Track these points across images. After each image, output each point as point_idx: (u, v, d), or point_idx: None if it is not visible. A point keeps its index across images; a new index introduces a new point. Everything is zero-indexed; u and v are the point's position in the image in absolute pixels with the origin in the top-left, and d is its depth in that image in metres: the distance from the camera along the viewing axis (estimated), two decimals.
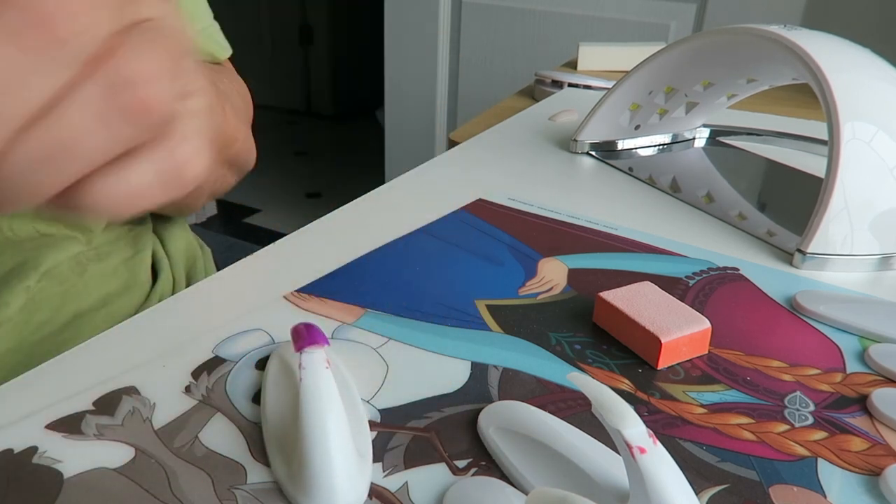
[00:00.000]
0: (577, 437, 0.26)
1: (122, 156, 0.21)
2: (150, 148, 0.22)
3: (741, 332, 0.35)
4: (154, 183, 0.22)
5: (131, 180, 0.21)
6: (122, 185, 0.21)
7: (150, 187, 0.22)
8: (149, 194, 0.22)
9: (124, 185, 0.21)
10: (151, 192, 0.22)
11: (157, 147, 0.22)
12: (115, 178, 0.21)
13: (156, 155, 0.22)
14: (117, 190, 0.21)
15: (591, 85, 0.90)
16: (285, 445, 0.26)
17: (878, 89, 0.44)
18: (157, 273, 0.52)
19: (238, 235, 2.25)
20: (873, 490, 0.25)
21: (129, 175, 0.21)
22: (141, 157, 0.22)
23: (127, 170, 0.21)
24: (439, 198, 0.49)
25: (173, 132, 0.22)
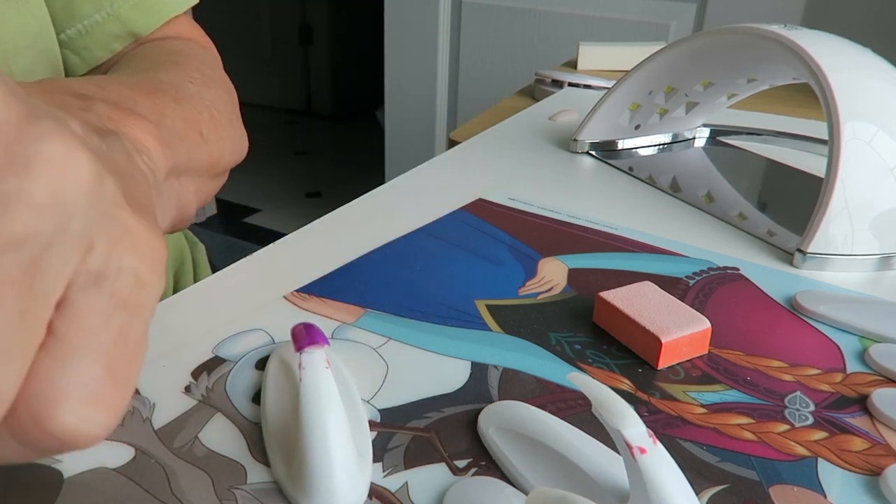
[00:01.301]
0: (577, 437, 0.26)
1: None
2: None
3: (741, 332, 0.35)
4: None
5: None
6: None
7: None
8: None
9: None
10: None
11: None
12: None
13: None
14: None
15: (591, 85, 0.90)
16: (285, 445, 0.26)
17: (878, 89, 0.44)
18: None
19: (238, 235, 2.25)
20: (873, 490, 0.25)
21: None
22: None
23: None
24: (439, 198, 0.49)
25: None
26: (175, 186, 0.33)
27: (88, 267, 0.15)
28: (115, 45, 0.44)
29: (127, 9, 0.43)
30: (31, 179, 0.14)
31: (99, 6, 0.42)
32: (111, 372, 0.16)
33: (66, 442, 0.15)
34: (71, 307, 0.15)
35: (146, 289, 0.17)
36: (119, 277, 0.16)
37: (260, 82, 3.39)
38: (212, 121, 0.37)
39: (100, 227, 0.16)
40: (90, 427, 0.15)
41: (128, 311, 0.16)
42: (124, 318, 0.16)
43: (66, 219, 0.15)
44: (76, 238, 0.15)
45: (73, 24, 0.42)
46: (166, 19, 0.45)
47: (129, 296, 0.16)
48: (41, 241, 0.14)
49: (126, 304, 0.16)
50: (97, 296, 0.16)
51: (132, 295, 0.16)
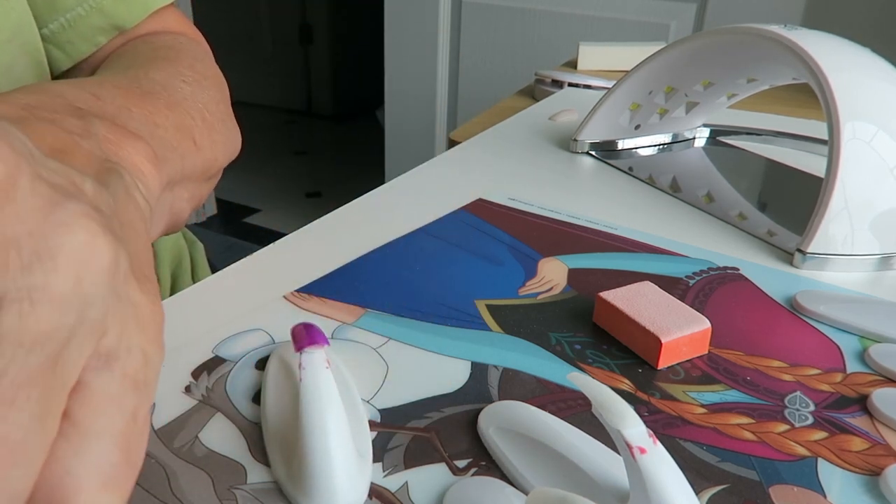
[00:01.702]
0: (577, 437, 0.26)
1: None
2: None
3: (741, 332, 0.35)
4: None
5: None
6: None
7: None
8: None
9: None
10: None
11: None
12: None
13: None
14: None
15: (591, 85, 0.90)
16: (285, 445, 0.26)
17: (878, 89, 0.44)
18: None
19: (238, 235, 2.25)
20: (873, 490, 0.25)
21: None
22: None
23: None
24: (439, 198, 0.49)
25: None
26: (168, 197, 0.33)
27: (100, 350, 0.15)
28: (100, 39, 0.43)
29: (111, 1, 0.42)
30: (56, 273, 0.14)
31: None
32: (126, 454, 0.16)
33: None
34: (86, 391, 0.15)
35: (152, 366, 0.17)
36: (129, 357, 0.16)
37: (260, 82, 3.39)
38: (204, 124, 0.36)
39: (113, 310, 0.16)
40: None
41: (138, 391, 0.16)
42: (136, 398, 0.16)
43: (86, 308, 0.14)
44: (94, 325, 0.15)
45: (55, 17, 0.41)
46: (151, 11, 0.44)
47: (138, 375, 0.16)
48: (63, 336, 0.14)
49: (136, 384, 0.16)
50: (110, 378, 0.15)
51: (140, 374, 0.16)
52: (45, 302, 0.13)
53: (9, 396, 0.13)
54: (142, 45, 0.43)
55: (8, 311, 0.13)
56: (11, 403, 0.13)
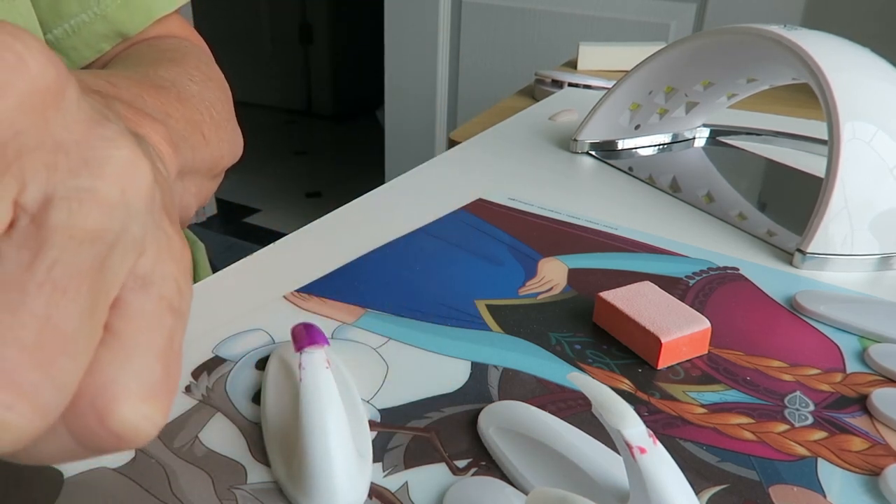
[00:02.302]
0: (577, 437, 0.26)
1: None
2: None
3: (741, 332, 0.35)
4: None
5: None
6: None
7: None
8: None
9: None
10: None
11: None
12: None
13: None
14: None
15: (591, 85, 0.90)
16: (285, 445, 0.26)
17: (878, 89, 0.44)
18: None
19: (238, 235, 2.25)
20: (873, 490, 0.25)
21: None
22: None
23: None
24: (439, 198, 0.49)
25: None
26: (178, 188, 0.33)
27: (138, 271, 0.16)
28: (103, 46, 0.43)
29: (114, 8, 0.42)
30: (104, 179, 0.14)
31: (86, 5, 0.42)
32: (166, 371, 0.16)
33: (124, 439, 0.15)
34: (126, 308, 0.16)
35: (185, 296, 0.17)
36: (164, 283, 0.16)
37: (260, 82, 3.39)
38: (212, 121, 0.37)
39: (151, 233, 0.16)
40: (147, 425, 0.15)
41: (174, 315, 0.17)
42: (172, 321, 0.16)
43: (129, 220, 0.15)
44: (134, 241, 0.15)
45: (59, 23, 0.41)
46: (154, 19, 0.44)
47: (173, 301, 0.17)
48: (109, 240, 0.14)
49: (172, 308, 0.16)
50: (147, 298, 0.16)
51: (175, 300, 0.17)
52: (92, 203, 0.14)
53: (62, 285, 0.13)
54: (146, 47, 0.43)
55: (58, 208, 0.14)
56: (64, 293, 0.13)
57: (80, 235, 0.14)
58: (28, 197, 0.14)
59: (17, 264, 0.13)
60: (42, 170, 0.14)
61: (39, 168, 0.14)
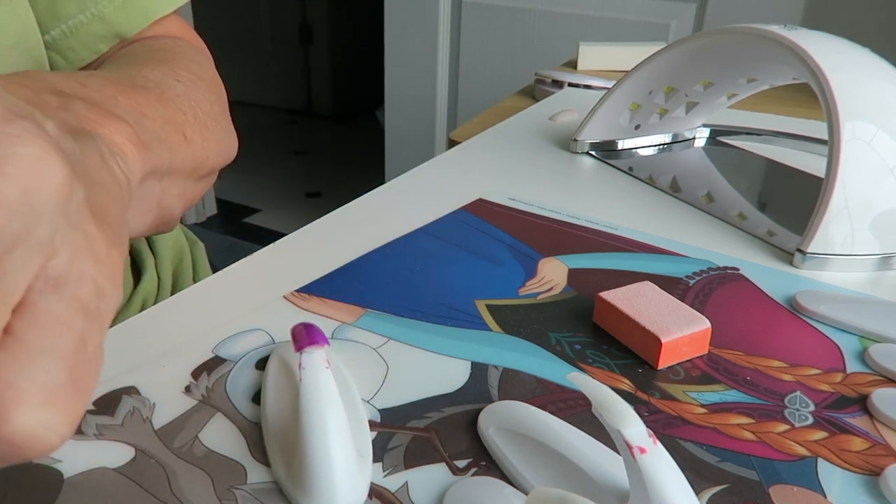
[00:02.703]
0: (577, 437, 0.26)
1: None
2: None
3: (741, 332, 0.35)
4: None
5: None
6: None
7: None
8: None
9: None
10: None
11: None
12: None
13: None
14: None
15: (591, 85, 0.90)
16: (285, 445, 0.26)
17: (878, 89, 0.44)
18: (140, 272, 0.51)
19: (238, 235, 2.25)
20: (873, 490, 0.25)
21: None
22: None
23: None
24: (439, 198, 0.49)
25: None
26: (156, 188, 0.33)
27: (49, 273, 0.15)
28: (101, 46, 0.43)
29: (112, 9, 0.42)
30: (4, 179, 0.14)
31: (83, 6, 0.42)
32: (72, 376, 0.15)
33: (21, 447, 0.14)
34: (31, 310, 0.15)
35: (105, 299, 0.17)
36: (80, 284, 0.16)
37: (260, 82, 3.39)
38: (196, 122, 0.36)
39: (64, 234, 0.15)
40: (47, 433, 0.15)
41: (88, 317, 0.16)
42: (84, 323, 0.16)
43: (33, 221, 0.14)
44: (41, 242, 0.15)
45: (57, 24, 0.41)
46: (152, 20, 0.44)
47: (89, 303, 0.16)
48: (6, 241, 0.14)
49: (86, 310, 0.16)
50: (57, 300, 0.15)
51: (92, 302, 0.16)
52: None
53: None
54: (139, 47, 0.43)
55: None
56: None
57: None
58: None
59: None
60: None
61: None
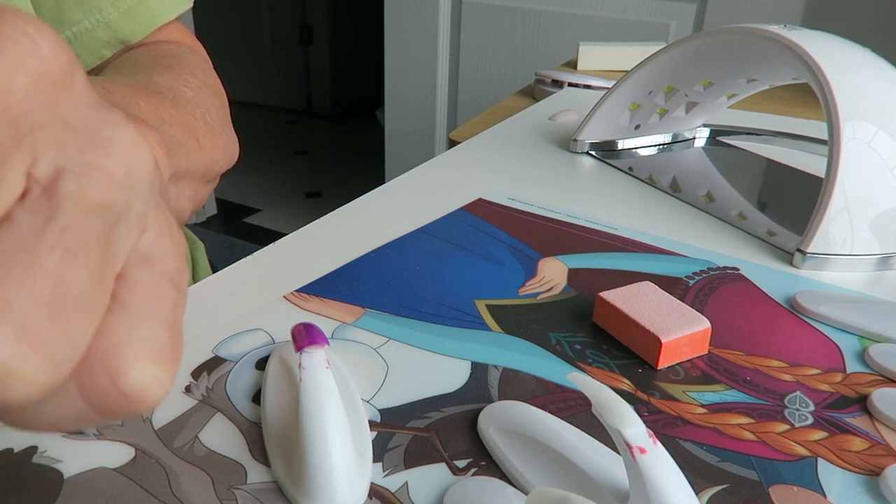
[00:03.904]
0: (577, 437, 0.26)
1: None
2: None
3: (741, 332, 0.35)
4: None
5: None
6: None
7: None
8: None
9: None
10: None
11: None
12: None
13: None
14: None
15: (591, 85, 0.90)
16: (285, 445, 0.26)
17: (878, 89, 0.44)
18: None
19: (238, 235, 2.25)
20: (873, 490, 0.25)
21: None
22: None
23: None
24: (439, 198, 0.49)
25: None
26: (172, 192, 0.33)
27: (140, 248, 0.17)
28: (105, 52, 0.44)
29: (116, 16, 0.43)
30: (111, 157, 0.15)
31: (88, 13, 0.42)
32: (171, 338, 0.17)
33: (134, 399, 0.16)
34: (131, 280, 0.16)
35: (184, 277, 0.18)
36: (165, 261, 0.17)
37: (260, 82, 3.39)
38: (206, 127, 0.37)
39: (153, 213, 0.17)
40: (156, 387, 0.16)
41: (175, 288, 0.17)
42: (174, 294, 0.17)
43: (133, 197, 0.16)
44: (137, 218, 0.16)
45: (61, 30, 0.41)
46: (156, 26, 0.45)
47: (174, 277, 0.17)
48: (115, 213, 0.15)
49: (173, 282, 0.17)
50: (150, 273, 0.17)
51: (175, 277, 0.18)
52: (99, 178, 0.15)
53: (72, 249, 0.14)
54: (144, 53, 0.44)
55: (68, 180, 0.15)
56: (75, 255, 0.14)
57: (88, 206, 0.15)
58: (40, 170, 0.14)
59: (29, 229, 0.14)
60: (53, 145, 0.14)
61: (50, 144, 0.14)
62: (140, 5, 0.44)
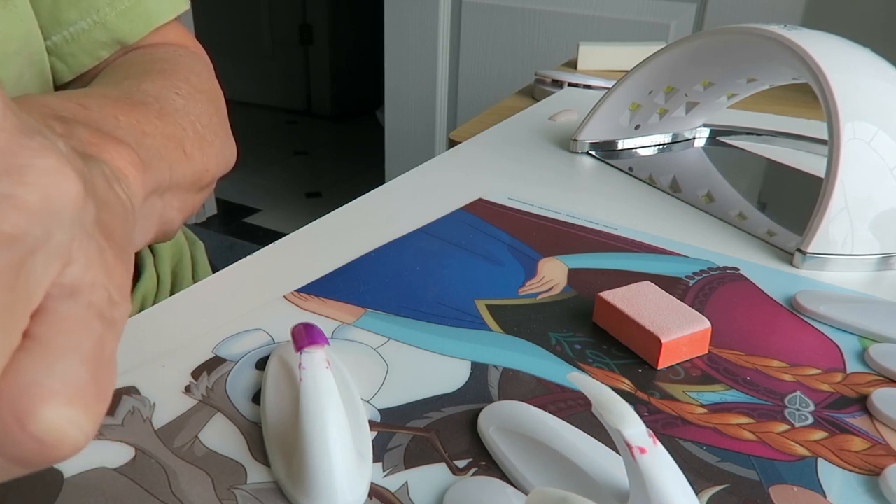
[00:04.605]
0: (577, 437, 0.26)
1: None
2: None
3: (741, 332, 0.35)
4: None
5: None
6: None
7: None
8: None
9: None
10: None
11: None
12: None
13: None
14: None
15: (591, 85, 0.90)
16: (285, 445, 0.26)
17: (878, 89, 0.44)
18: (139, 271, 0.51)
19: (238, 235, 2.25)
20: (873, 490, 0.25)
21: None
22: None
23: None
24: (439, 198, 0.49)
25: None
26: (157, 204, 0.33)
27: (64, 280, 0.16)
28: (102, 53, 0.43)
29: (113, 16, 0.43)
30: (26, 186, 0.14)
31: (85, 13, 0.42)
32: (94, 376, 0.15)
33: (47, 444, 0.14)
34: (50, 314, 0.15)
35: (117, 307, 0.17)
36: (94, 292, 0.16)
37: (260, 82, 3.39)
38: (196, 136, 0.37)
39: (80, 243, 0.16)
40: (73, 431, 0.15)
41: (103, 322, 0.16)
42: (101, 328, 0.16)
43: (52, 228, 0.15)
44: (59, 249, 0.15)
45: (59, 30, 0.41)
46: (153, 27, 0.45)
47: (104, 310, 0.16)
48: (28, 245, 0.14)
49: (102, 315, 0.16)
50: (74, 304, 0.16)
51: (106, 310, 0.16)
52: (12, 208, 0.14)
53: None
54: (138, 56, 0.43)
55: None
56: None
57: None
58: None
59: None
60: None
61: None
62: (137, 6, 0.44)
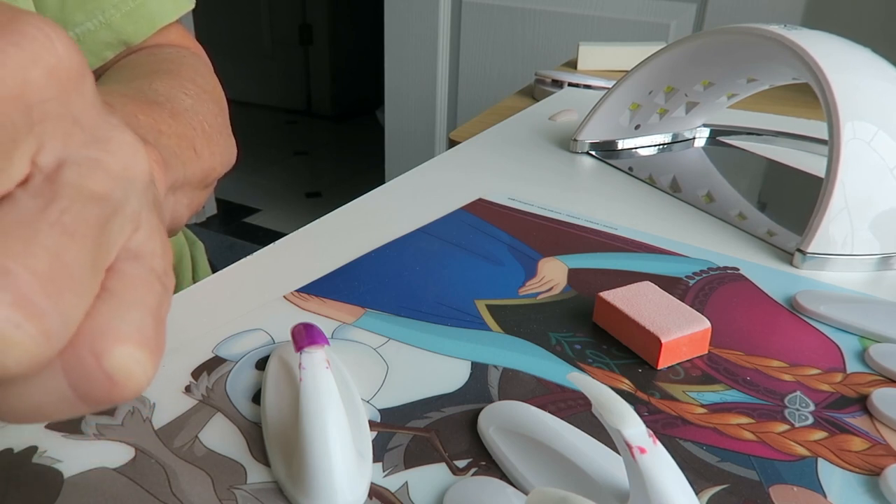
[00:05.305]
0: (577, 437, 0.26)
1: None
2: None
3: (741, 332, 0.35)
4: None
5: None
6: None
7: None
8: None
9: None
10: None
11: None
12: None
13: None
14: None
15: (591, 85, 0.90)
16: (285, 445, 0.26)
17: (878, 89, 0.44)
18: None
19: (238, 235, 2.25)
20: (873, 490, 0.25)
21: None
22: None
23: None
24: (439, 198, 0.49)
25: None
26: (170, 202, 0.34)
27: (131, 245, 0.17)
28: (107, 54, 0.44)
29: (119, 17, 0.43)
30: (111, 153, 0.16)
31: (91, 14, 0.42)
32: (157, 329, 0.17)
33: (117, 382, 0.16)
34: (120, 272, 0.17)
35: (170, 278, 0.19)
36: (153, 259, 0.18)
37: (260, 82, 3.39)
38: (204, 135, 0.38)
39: (146, 213, 0.18)
40: (139, 372, 0.16)
41: (162, 285, 0.18)
42: (161, 289, 0.18)
43: (129, 194, 0.17)
44: (132, 214, 0.17)
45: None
46: (157, 28, 0.45)
47: (162, 276, 0.18)
48: (112, 205, 0.16)
49: (160, 279, 0.18)
50: (140, 266, 0.17)
51: (163, 276, 0.18)
52: (99, 171, 0.16)
53: (70, 229, 0.15)
54: (144, 57, 0.44)
55: (70, 169, 0.15)
56: (72, 236, 0.15)
57: (87, 194, 0.15)
58: (44, 158, 0.15)
59: (30, 209, 0.15)
60: (59, 137, 0.15)
61: (57, 135, 0.15)
62: (142, 7, 0.44)
